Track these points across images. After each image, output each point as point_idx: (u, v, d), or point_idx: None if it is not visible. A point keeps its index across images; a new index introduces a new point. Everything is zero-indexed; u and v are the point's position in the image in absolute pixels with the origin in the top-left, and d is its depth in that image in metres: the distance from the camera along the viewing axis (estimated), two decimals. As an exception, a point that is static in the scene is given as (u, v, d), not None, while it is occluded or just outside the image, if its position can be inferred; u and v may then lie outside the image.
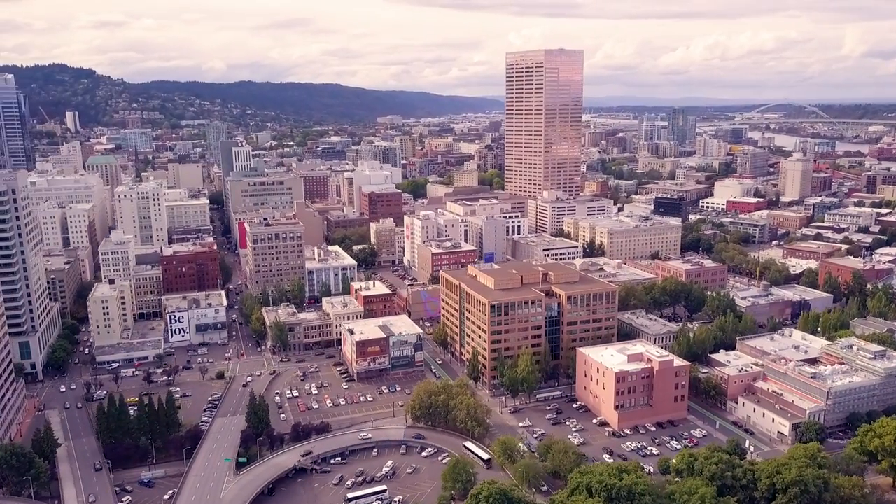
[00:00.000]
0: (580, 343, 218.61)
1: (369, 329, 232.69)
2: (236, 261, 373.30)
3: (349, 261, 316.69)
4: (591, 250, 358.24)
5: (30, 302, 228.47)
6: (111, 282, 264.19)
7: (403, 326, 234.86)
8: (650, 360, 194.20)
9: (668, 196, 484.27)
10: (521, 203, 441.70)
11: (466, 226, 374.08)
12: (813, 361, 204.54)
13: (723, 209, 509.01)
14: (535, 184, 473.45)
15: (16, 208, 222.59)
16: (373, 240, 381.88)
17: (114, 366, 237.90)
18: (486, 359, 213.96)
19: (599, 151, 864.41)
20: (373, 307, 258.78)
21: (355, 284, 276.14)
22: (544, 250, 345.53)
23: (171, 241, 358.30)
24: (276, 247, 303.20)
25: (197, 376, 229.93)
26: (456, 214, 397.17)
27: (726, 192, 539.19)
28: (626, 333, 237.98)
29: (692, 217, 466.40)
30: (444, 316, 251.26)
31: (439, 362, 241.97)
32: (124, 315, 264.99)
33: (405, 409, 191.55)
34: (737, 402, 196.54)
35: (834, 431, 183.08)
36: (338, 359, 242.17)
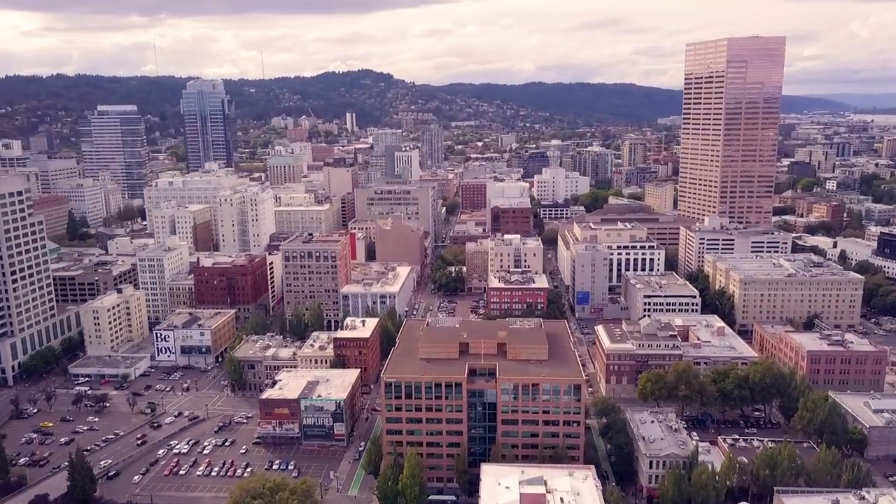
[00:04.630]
0: (522, 452, 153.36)
1: (295, 383, 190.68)
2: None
3: (393, 287, 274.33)
4: (719, 304, 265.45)
5: (9, 307, 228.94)
6: (119, 291, 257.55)
7: (333, 388, 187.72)
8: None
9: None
10: (674, 230, 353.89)
11: (571, 255, 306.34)
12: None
13: None
14: (708, 205, 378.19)
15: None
16: (465, 262, 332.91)
17: (82, 380, 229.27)
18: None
19: (877, 164, 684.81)
20: (345, 353, 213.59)
21: (348, 320, 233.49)
22: (646, 297, 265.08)
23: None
24: (309, 266, 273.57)
25: (129, 406, 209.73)
26: (575, 239, 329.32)
27: None
28: (621, 444, 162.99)
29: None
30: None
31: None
32: (129, 326, 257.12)
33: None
34: None
35: None
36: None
